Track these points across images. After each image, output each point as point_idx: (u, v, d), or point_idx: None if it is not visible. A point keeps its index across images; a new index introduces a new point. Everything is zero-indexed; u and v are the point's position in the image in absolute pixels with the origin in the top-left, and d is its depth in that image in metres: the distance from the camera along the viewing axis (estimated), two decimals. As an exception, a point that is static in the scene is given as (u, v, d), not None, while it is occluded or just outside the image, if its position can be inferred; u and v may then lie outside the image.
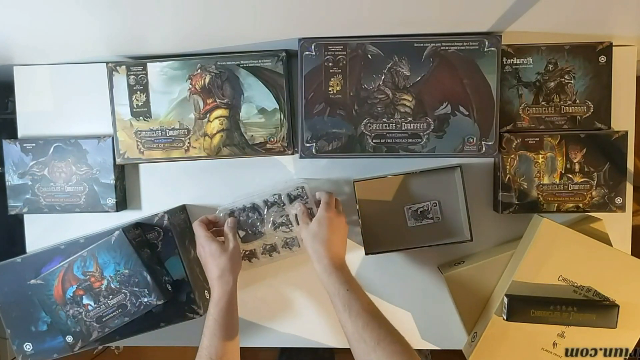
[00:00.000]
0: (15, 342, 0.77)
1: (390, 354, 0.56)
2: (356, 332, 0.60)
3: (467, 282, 0.76)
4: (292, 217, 0.79)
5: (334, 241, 0.70)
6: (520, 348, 0.72)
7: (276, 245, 0.80)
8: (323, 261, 0.67)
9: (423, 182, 0.78)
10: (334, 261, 0.67)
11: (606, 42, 0.72)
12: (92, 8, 0.55)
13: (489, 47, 0.69)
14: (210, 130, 0.76)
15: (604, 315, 0.68)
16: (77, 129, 0.82)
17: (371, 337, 0.58)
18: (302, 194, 0.78)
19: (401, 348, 0.57)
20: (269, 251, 0.81)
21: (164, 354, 1.64)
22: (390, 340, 0.58)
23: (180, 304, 0.77)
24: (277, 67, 0.74)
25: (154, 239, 0.77)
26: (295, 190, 0.78)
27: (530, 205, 0.74)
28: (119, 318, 0.72)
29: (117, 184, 0.80)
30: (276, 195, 0.79)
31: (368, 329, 0.59)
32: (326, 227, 0.70)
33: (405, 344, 0.58)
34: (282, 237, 0.80)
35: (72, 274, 0.72)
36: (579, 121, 0.74)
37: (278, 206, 0.79)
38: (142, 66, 0.76)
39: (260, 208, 0.79)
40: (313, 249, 0.69)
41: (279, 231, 0.80)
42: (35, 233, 0.85)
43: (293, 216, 0.78)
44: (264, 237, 0.80)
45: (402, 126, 0.71)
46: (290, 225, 0.79)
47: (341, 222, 0.72)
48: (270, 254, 0.81)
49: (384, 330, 0.59)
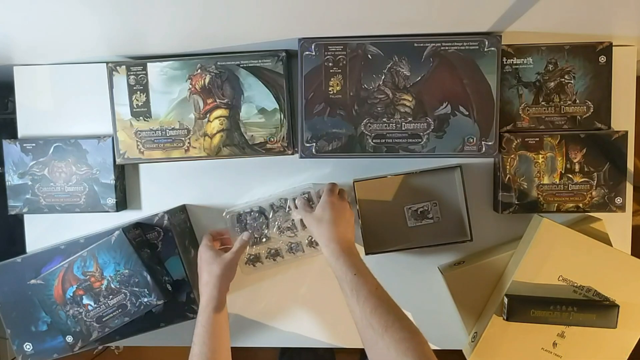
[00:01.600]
0: (15, 342, 0.77)
1: (398, 341, 0.54)
2: (364, 317, 0.57)
3: (467, 282, 0.76)
4: (297, 222, 0.79)
5: (339, 224, 0.69)
6: (520, 348, 0.72)
7: (280, 250, 0.81)
8: (330, 245, 0.66)
9: (423, 182, 0.78)
10: (342, 245, 0.66)
11: (606, 42, 0.72)
12: (92, 8, 0.55)
13: (489, 47, 0.69)
14: (210, 130, 0.76)
15: (604, 315, 0.68)
16: (77, 129, 0.82)
17: (379, 323, 0.56)
18: (309, 199, 0.79)
19: (410, 335, 0.55)
20: (273, 255, 0.81)
21: (164, 354, 1.64)
22: (398, 326, 0.56)
23: (180, 304, 0.77)
24: (277, 67, 0.74)
25: (154, 239, 0.77)
26: (303, 195, 0.79)
27: (530, 205, 0.74)
28: (119, 318, 0.72)
29: (117, 184, 0.80)
30: (282, 200, 0.79)
31: (376, 314, 0.57)
32: (329, 210, 0.69)
33: (414, 330, 0.56)
34: (287, 241, 0.80)
35: (72, 274, 0.72)
36: (579, 121, 0.74)
37: (284, 210, 0.79)
38: (142, 66, 0.76)
39: (267, 212, 0.80)
40: (319, 233, 0.68)
41: (284, 235, 0.80)
42: (35, 233, 0.85)
43: (298, 221, 0.79)
44: (268, 242, 0.80)
45: (402, 126, 0.71)
46: (295, 230, 0.80)
47: (345, 206, 0.72)
48: (274, 259, 0.81)
49: (392, 316, 0.57)
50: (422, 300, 0.82)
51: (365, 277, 0.62)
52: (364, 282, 0.61)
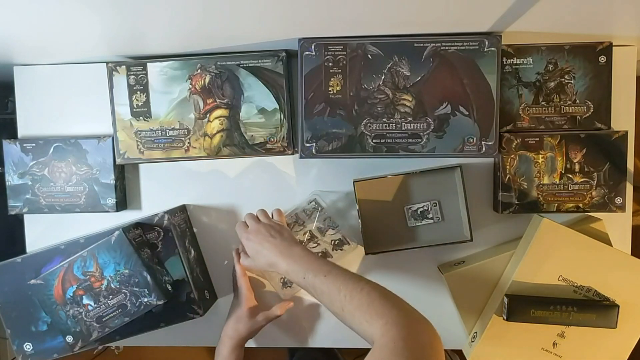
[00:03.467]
0: (15, 342, 0.77)
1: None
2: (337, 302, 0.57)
3: (467, 282, 0.76)
4: (314, 231, 0.80)
5: (267, 245, 0.67)
6: (520, 348, 0.72)
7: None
8: (283, 268, 0.65)
9: (423, 182, 0.78)
10: (289, 259, 0.64)
11: (606, 42, 0.72)
12: (92, 8, 0.55)
13: (489, 47, 0.69)
14: (210, 130, 0.76)
15: (604, 315, 0.68)
16: (77, 129, 0.82)
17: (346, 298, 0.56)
18: (316, 207, 0.79)
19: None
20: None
21: (164, 354, 1.64)
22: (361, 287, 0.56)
23: (180, 304, 0.77)
24: (277, 67, 0.74)
25: (154, 239, 0.77)
26: (309, 205, 0.79)
27: (530, 205, 0.74)
28: (119, 318, 0.72)
29: (117, 184, 0.80)
30: (292, 216, 0.80)
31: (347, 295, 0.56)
32: (251, 244, 0.69)
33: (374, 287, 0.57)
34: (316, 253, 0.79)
35: (72, 274, 0.72)
36: (579, 121, 0.74)
37: (299, 225, 0.80)
38: (142, 66, 0.76)
39: None
40: (270, 265, 0.67)
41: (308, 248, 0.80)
42: (35, 233, 0.85)
43: (316, 229, 0.80)
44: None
45: (402, 126, 0.71)
46: (317, 239, 0.80)
47: (257, 228, 0.70)
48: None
49: (351, 282, 0.57)
50: (422, 300, 0.82)
51: (314, 271, 0.61)
52: (313, 276, 0.60)
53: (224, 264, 0.84)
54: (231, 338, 0.75)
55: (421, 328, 0.52)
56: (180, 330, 0.80)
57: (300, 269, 0.63)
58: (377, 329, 0.51)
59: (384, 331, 0.51)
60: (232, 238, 0.82)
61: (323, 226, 0.80)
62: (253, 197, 0.83)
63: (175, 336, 0.84)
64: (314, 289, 0.61)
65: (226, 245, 0.84)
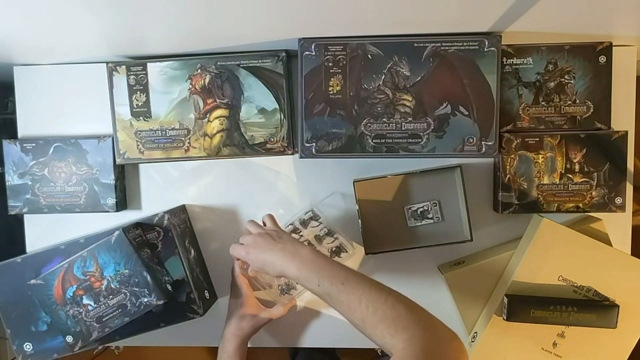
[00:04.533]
0: (15, 342, 0.77)
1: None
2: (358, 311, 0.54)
3: (467, 282, 0.76)
4: (312, 239, 0.80)
5: (267, 259, 0.64)
6: (520, 348, 0.72)
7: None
8: (293, 274, 0.61)
9: (423, 182, 0.78)
10: (291, 263, 0.61)
11: (606, 42, 0.72)
12: (92, 8, 0.55)
13: (489, 47, 0.69)
14: (210, 130, 0.76)
15: (604, 315, 0.68)
16: (77, 129, 0.82)
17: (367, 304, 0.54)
18: (313, 216, 0.79)
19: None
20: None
21: (164, 354, 1.64)
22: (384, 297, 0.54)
23: (180, 304, 0.77)
24: (277, 67, 0.74)
25: (154, 239, 0.77)
26: (305, 215, 0.79)
27: (530, 205, 0.74)
28: (119, 318, 0.72)
29: (117, 184, 0.80)
30: (291, 226, 0.80)
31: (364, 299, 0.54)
32: (255, 262, 0.65)
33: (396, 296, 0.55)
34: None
35: (72, 274, 0.72)
36: (579, 121, 0.74)
37: (296, 234, 0.80)
38: (142, 66, 0.76)
39: None
40: (279, 272, 0.63)
41: None
42: (35, 233, 0.85)
43: (313, 238, 0.80)
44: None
45: (402, 126, 0.71)
46: (314, 247, 0.80)
47: (262, 235, 0.67)
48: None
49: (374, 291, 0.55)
50: (422, 300, 0.81)
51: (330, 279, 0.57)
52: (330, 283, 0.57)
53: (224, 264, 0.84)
54: (236, 336, 0.75)
55: (446, 345, 0.50)
56: (180, 330, 0.80)
57: (314, 276, 0.58)
58: (401, 342, 0.50)
59: (407, 345, 0.49)
60: (232, 238, 0.82)
61: (320, 234, 0.80)
62: (253, 197, 0.83)
63: (175, 336, 0.84)
64: (329, 297, 0.57)
65: (226, 245, 0.83)
